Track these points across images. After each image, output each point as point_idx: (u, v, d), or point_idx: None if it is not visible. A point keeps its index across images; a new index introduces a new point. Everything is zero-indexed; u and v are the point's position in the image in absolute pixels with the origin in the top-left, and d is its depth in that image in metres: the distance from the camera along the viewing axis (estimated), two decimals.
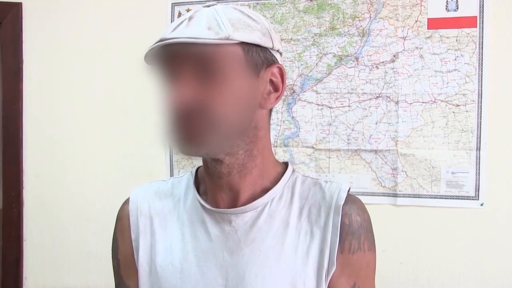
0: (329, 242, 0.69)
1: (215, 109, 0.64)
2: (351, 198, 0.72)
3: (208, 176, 0.73)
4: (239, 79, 0.65)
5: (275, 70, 0.70)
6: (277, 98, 0.71)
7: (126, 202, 0.79)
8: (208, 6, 0.68)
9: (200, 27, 0.63)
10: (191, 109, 0.63)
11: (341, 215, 0.69)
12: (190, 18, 0.65)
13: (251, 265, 0.68)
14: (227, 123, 0.65)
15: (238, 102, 0.65)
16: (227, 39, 0.62)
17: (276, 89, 0.70)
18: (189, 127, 0.64)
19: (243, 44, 0.65)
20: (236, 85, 0.65)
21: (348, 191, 0.73)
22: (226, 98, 0.64)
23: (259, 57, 0.67)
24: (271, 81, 0.70)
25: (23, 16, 1.72)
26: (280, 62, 0.71)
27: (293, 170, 0.77)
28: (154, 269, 0.72)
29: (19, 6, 1.71)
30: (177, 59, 0.65)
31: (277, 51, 0.70)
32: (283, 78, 0.71)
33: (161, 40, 0.63)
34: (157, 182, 0.81)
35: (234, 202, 0.72)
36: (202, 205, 0.73)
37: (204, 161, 0.73)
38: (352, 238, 0.69)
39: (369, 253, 0.71)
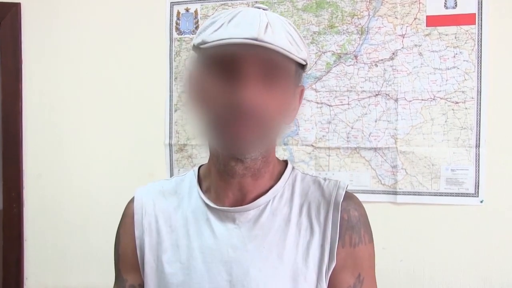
0: (329, 238, 0.71)
1: (271, 116, 0.67)
2: (347, 195, 0.75)
3: (218, 174, 0.74)
4: (289, 92, 0.71)
5: (300, 90, 0.75)
6: (294, 116, 0.76)
7: (132, 200, 0.81)
8: (259, 7, 0.68)
9: (283, 39, 0.65)
10: (255, 111, 0.65)
11: (340, 211, 0.72)
12: (267, 25, 0.64)
13: (254, 260, 0.70)
14: (272, 130, 0.69)
15: (284, 113, 0.70)
16: (305, 60, 0.68)
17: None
18: (247, 129, 0.66)
19: (297, 62, 0.68)
20: (287, 97, 0.70)
21: (346, 188, 0.75)
22: (279, 108, 0.68)
23: (299, 76, 0.73)
24: None
25: (21, 16, 1.72)
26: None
27: (293, 168, 0.79)
28: (161, 265, 0.74)
29: (17, 6, 1.71)
30: (250, 60, 0.65)
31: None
32: (301, 99, 0.76)
33: (248, 38, 0.62)
34: (161, 181, 0.83)
35: (240, 201, 0.74)
36: (206, 204, 0.75)
37: (216, 159, 0.74)
38: (352, 232, 0.72)
39: (370, 245, 0.75)
